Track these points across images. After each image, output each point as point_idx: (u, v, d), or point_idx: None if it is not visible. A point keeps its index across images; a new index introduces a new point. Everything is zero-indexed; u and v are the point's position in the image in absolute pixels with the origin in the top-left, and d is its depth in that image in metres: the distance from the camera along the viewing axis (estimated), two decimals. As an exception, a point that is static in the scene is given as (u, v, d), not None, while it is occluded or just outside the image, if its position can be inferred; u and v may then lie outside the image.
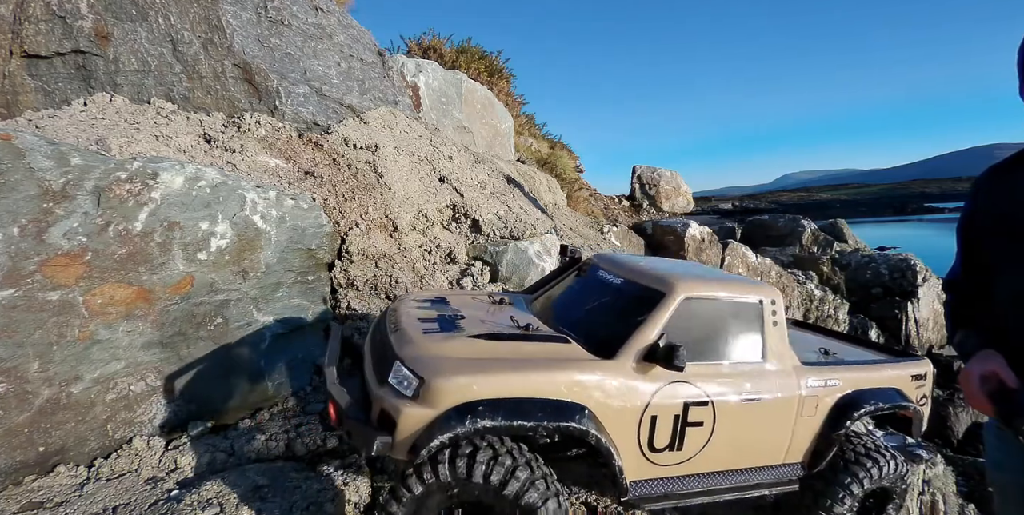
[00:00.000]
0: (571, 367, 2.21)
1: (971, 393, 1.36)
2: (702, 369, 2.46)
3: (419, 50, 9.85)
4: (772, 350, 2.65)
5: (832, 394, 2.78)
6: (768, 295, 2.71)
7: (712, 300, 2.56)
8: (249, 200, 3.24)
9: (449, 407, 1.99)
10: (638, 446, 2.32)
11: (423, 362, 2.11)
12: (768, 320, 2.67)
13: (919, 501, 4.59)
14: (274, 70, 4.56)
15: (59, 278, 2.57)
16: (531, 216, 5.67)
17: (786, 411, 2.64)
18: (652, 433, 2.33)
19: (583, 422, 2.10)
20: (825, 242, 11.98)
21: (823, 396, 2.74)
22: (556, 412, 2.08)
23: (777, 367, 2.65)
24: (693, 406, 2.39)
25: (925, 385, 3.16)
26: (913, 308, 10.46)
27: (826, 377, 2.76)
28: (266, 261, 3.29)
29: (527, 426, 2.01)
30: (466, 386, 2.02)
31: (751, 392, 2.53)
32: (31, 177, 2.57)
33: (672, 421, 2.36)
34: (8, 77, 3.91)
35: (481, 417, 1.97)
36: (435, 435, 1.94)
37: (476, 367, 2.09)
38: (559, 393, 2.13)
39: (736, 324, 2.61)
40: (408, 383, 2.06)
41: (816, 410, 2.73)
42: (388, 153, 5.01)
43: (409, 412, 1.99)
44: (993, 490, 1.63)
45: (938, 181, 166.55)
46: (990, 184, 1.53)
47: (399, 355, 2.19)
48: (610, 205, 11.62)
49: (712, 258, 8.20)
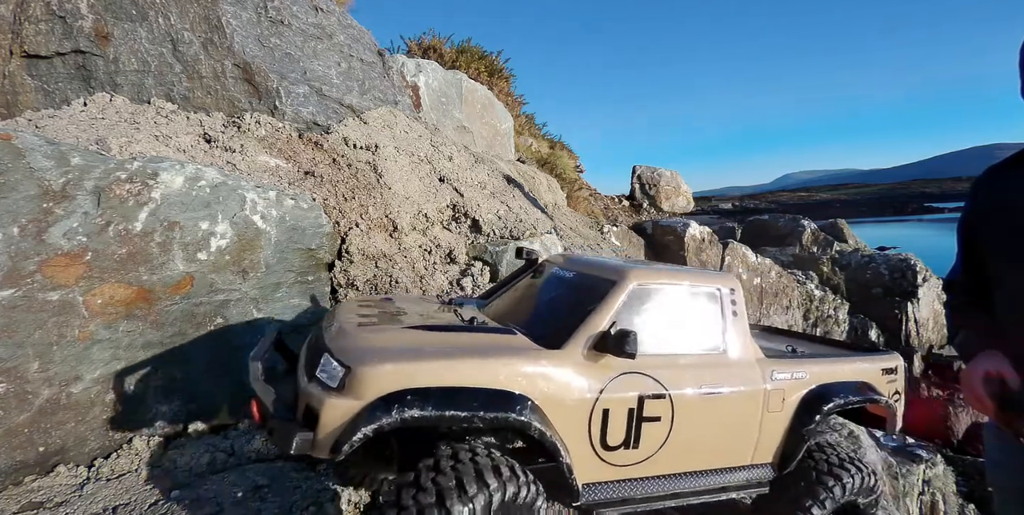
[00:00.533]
0: (514, 355, 2.05)
1: (972, 394, 1.36)
2: (658, 360, 2.30)
3: (419, 50, 9.85)
4: (733, 341, 2.52)
5: (799, 388, 2.62)
6: (726, 284, 2.59)
7: (666, 288, 2.43)
8: (249, 200, 3.24)
9: (376, 397, 1.82)
10: (590, 443, 2.14)
11: (351, 352, 1.95)
12: (727, 309, 2.54)
13: (919, 501, 4.59)
14: (274, 70, 4.56)
15: (59, 278, 2.57)
16: (531, 216, 5.68)
17: (751, 406, 2.48)
18: (605, 429, 2.16)
19: (524, 414, 1.92)
20: (825, 242, 11.98)
21: (790, 390, 2.58)
22: (495, 402, 1.91)
23: (740, 358, 2.51)
24: (649, 399, 2.22)
25: (897, 380, 3.03)
26: (913, 308, 10.46)
27: (792, 369, 2.61)
28: (266, 261, 3.29)
29: (460, 417, 1.84)
30: (394, 374, 1.86)
31: (712, 384, 2.37)
32: (31, 177, 2.57)
33: (626, 416, 2.19)
34: (8, 77, 3.91)
35: (409, 407, 1.80)
36: (359, 427, 1.77)
37: (407, 355, 1.93)
38: (499, 383, 1.96)
39: (693, 313, 2.48)
40: (334, 374, 1.90)
41: (783, 405, 2.56)
42: (388, 153, 5.01)
43: (333, 404, 1.82)
44: (993, 490, 1.63)
45: (938, 181, 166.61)
46: (990, 184, 1.53)
47: (328, 347, 2.03)
48: (610, 205, 11.61)
49: (712, 258, 8.20)
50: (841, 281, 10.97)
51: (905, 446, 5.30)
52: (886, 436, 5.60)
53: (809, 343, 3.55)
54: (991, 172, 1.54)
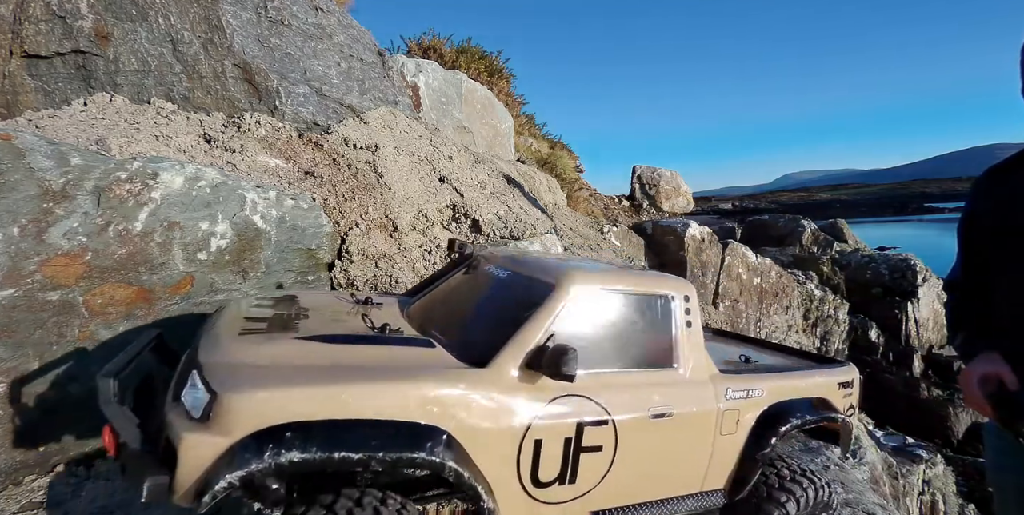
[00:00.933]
0: (426, 378, 1.69)
1: (971, 394, 1.36)
2: (599, 379, 1.99)
3: (419, 50, 9.85)
4: (685, 355, 2.22)
5: (755, 407, 2.36)
6: (680, 290, 2.29)
7: (611, 295, 2.12)
8: (249, 200, 3.24)
9: (246, 434, 1.45)
10: (518, 481, 1.82)
11: (220, 371, 1.58)
12: (680, 320, 2.24)
13: (919, 501, 4.60)
14: (274, 70, 4.56)
15: (59, 278, 2.57)
16: (531, 216, 5.68)
17: (703, 428, 2.20)
18: (536, 463, 1.83)
19: (437, 451, 1.57)
20: (825, 242, 11.98)
21: (745, 409, 2.32)
22: (399, 439, 1.55)
23: (692, 375, 2.22)
24: (589, 426, 1.90)
25: (852, 393, 2.84)
26: (913, 308, 10.47)
27: (748, 386, 2.34)
28: (266, 261, 3.29)
29: (352, 460, 1.47)
30: (269, 403, 1.48)
31: (661, 406, 2.07)
32: (31, 177, 2.57)
33: (562, 446, 1.86)
34: (8, 77, 3.91)
35: (287, 447, 1.43)
36: (221, 474, 1.39)
37: (289, 378, 1.56)
38: (407, 413, 1.60)
39: (642, 324, 2.17)
40: (198, 401, 1.52)
41: (737, 426, 2.30)
42: (388, 153, 5.01)
43: (193, 440, 1.44)
44: (993, 490, 1.63)
45: (938, 181, 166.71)
46: (990, 184, 1.53)
47: (199, 361, 1.65)
48: (610, 205, 11.61)
49: (712, 258, 8.20)
50: (841, 281, 10.98)
51: (905, 446, 5.30)
52: (886, 436, 5.60)
53: (761, 349, 3.35)
54: (992, 172, 1.54)
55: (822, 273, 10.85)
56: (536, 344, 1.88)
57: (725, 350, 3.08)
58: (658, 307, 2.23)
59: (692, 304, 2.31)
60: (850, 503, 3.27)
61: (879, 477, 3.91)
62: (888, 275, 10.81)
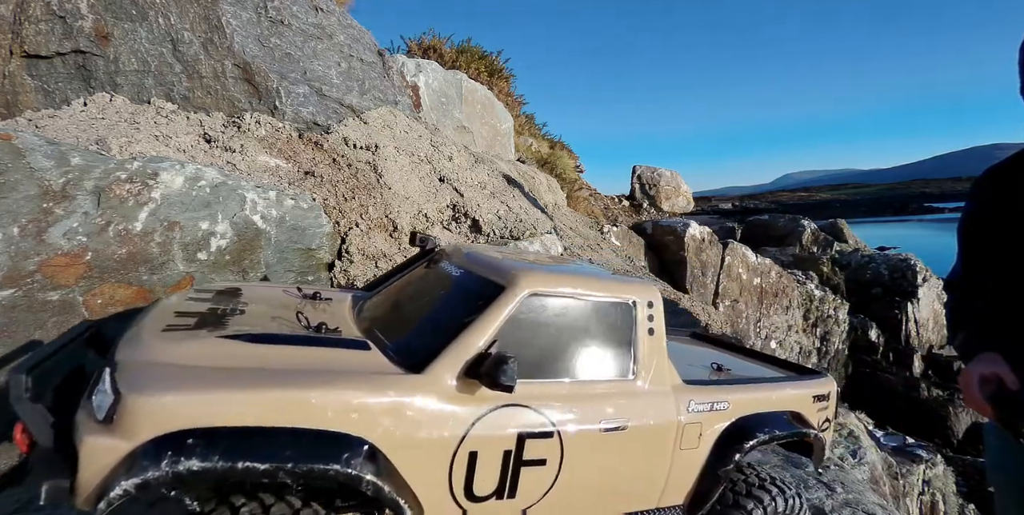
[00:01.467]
0: (351, 384, 1.57)
1: (970, 395, 1.36)
2: (547, 389, 1.88)
3: (419, 50, 9.85)
4: (645, 365, 2.10)
5: (720, 420, 2.25)
6: (643, 295, 2.15)
7: (567, 299, 1.99)
8: (249, 200, 3.24)
9: (147, 439, 1.37)
10: (450, 495, 1.71)
11: (132, 370, 1.49)
12: (642, 327, 2.11)
13: (919, 501, 4.60)
14: (274, 70, 4.56)
15: (59, 278, 2.57)
16: (531, 216, 5.68)
17: (661, 442, 2.09)
18: (471, 476, 1.72)
19: (355, 463, 1.46)
20: (825, 242, 11.99)
21: (708, 423, 2.21)
22: (314, 449, 1.45)
23: (651, 387, 2.09)
24: (532, 438, 1.79)
25: (828, 407, 2.72)
26: (913, 308, 10.47)
27: (713, 399, 2.23)
28: (266, 261, 3.29)
29: (259, 470, 1.37)
30: (173, 407, 1.39)
31: (614, 418, 1.95)
32: (31, 177, 2.58)
33: (500, 459, 1.76)
34: (8, 77, 3.91)
35: (187, 455, 1.34)
36: (118, 480, 1.32)
37: (201, 380, 1.46)
38: (327, 421, 1.49)
39: (599, 331, 2.05)
40: (103, 401, 1.43)
41: (699, 440, 2.18)
42: (388, 153, 5.01)
43: (94, 443, 1.37)
44: (993, 490, 1.63)
45: (938, 181, 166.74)
46: (991, 184, 1.53)
47: (115, 359, 1.57)
48: (610, 205, 11.62)
49: (712, 258, 8.20)
50: (841, 281, 10.99)
51: (905, 446, 5.30)
52: (886, 436, 5.60)
53: (740, 356, 3.25)
54: (993, 172, 1.54)
55: (822, 273, 10.85)
56: (478, 351, 1.76)
57: (699, 356, 2.99)
58: (618, 314, 2.09)
59: (656, 310, 2.17)
60: (850, 503, 3.28)
61: (879, 477, 3.91)
62: (888, 275, 10.82)
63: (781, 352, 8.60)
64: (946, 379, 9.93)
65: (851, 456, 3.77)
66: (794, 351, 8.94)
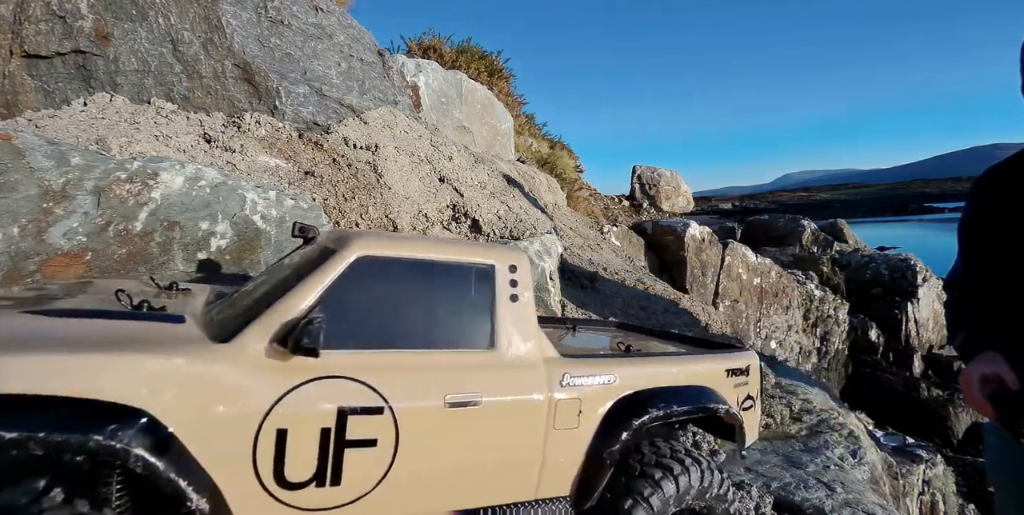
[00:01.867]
0: (135, 350, 1.40)
1: (971, 395, 1.36)
2: (380, 359, 1.68)
3: (419, 50, 9.85)
4: (507, 334, 1.90)
5: (606, 396, 2.02)
6: (504, 260, 1.98)
7: (408, 263, 1.82)
8: (249, 200, 3.24)
9: None
10: (256, 479, 1.49)
11: None
12: (502, 293, 1.93)
13: (919, 501, 4.60)
14: (274, 70, 4.56)
15: (59, 278, 2.57)
16: (531, 216, 5.68)
17: (529, 421, 1.86)
18: (281, 457, 1.51)
19: (122, 436, 1.29)
20: (825, 242, 11.99)
21: (591, 399, 1.98)
22: (77, 418, 1.28)
23: (516, 357, 1.90)
24: (356, 414, 1.58)
25: (748, 382, 2.49)
26: (913, 308, 10.48)
27: (595, 372, 2.01)
28: (266, 261, 3.29)
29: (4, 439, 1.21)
30: None
31: (464, 393, 1.74)
32: (31, 177, 2.58)
33: (318, 438, 1.55)
34: (8, 77, 3.91)
35: None
36: None
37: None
38: (105, 390, 1.33)
39: (450, 298, 1.88)
40: None
41: (580, 419, 1.95)
42: (388, 153, 5.01)
43: None
44: (993, 490, 1.63)
45: (938, 181, 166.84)
46: (991, 184, 1.53)
47: None
48: (610, 205, 11.62)
49: (712, 258, 8.20)
50: (841, 281, 10.99)
51: (905, 446, 5.30)
52: (886, 436, 5.60)
53: (662, 341, 3.04)
54: (993, 172, 1.54)
55: (822, 273, 10.85)
56: (296, 317, 1.57)
57: (600, 340, 2.81)
58: (472, 278, 1.91)
59: (520, 275, 1.98)
60: (850, 503, 3.27)
61: (879, 477, 3.91)
62: (888, 275, 10.82)
63: (781, 352, 8.60)
64: (946, 379, 9.93)
65: (851, 456, 3.77)
66: (794, 351, 8.94)
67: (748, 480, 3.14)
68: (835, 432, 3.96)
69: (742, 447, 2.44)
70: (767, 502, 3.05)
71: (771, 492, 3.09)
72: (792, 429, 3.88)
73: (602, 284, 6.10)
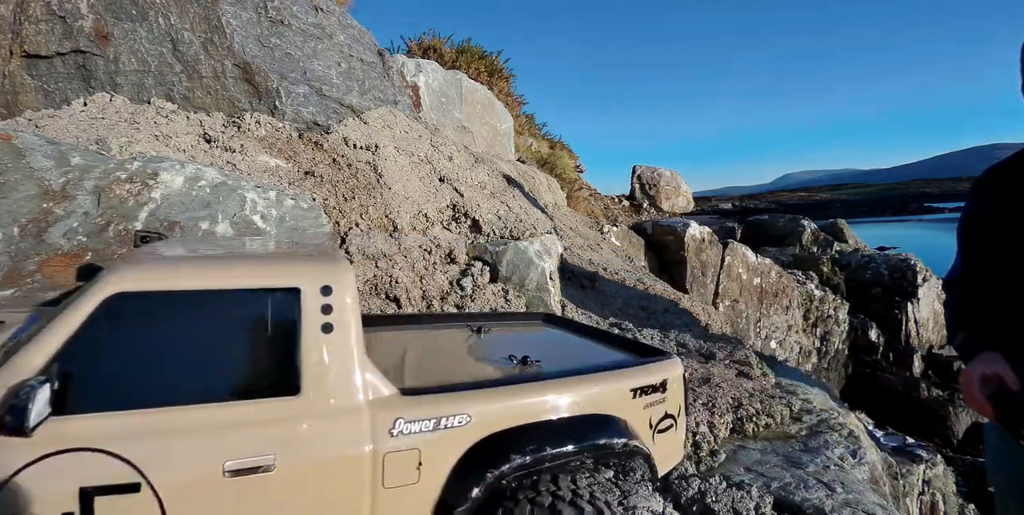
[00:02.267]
0: None
1: (971, 395, 1.36)
2: (138, 421, 1.36)
3: (419, 50, 9.86)
4: (316, 375, 1.52)
5: (456, 441, 1.63)
6: (313, 279, 1.56)
7: (182, 296, 1.47)
8: (249, 200, 3.24)
9: None
10: None
11: None
12: (310, 323, 1.53)
13: (919, 501, 4.60)
14: (274, 70, 4.56)
15: (59, 278, 2.57)
16: (531, 216, 5.68)
17: (345, 482, 1.51)
18: None
19: None
20: (825, 242, 11.99)
21: (435, 446, 1.60)
22: None
23: (327, 405, 1.52)
24: (104, 495, 1.29)
25: (666, 399, 2.08)
26: (913, 308, 10.47)
27: (439, 413, 1.61)
28: (266, 261, 3.30)
29: None
30: None
31: (252, 455, 1.41)
32: (31, 177, 2.58)
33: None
34: (8, 77, 3.91)
35: None
36: None
37: None
38: None
39: (237, 336, 1.52)
40: None
41: (421, 473, 1.58)
42: (388, 153, 5.01)
43: None
44: (993, 490, 1.63)
45: (938, 181, 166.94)
46: (991, 184, 1.53)
47: None
48: (610, 205, 11.62)
49: (712, 258, 8.21)
50: (841, 281, 10.99)
51: (905, 446, 5.30)
52: (886, 436, 5.61)
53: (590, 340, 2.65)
54: (993, 172, 1.54)
55: (822, 273, 10.85)
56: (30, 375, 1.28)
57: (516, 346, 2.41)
58: (268, 308, 1.53)
59: (337, 298, 1.57)
60: (850, 503, 3.27)
61: (879, 477, 3.91)
62: (888, 275, 10.82)
63: (781, 352, 8.60)
64: (946, 379, 9.93)
65: (851, 456, 3.77)
66: (794, 351, 8.94)
67: (748, 480, 3.14)
68: (835, 432, 3.95)
69: (656, 479, 2.01)
70: (767, 502, 3.05)
71: (771, 492, 3.09)
72: (792, 429, 3.88)
73: (602, 284, 6.10)
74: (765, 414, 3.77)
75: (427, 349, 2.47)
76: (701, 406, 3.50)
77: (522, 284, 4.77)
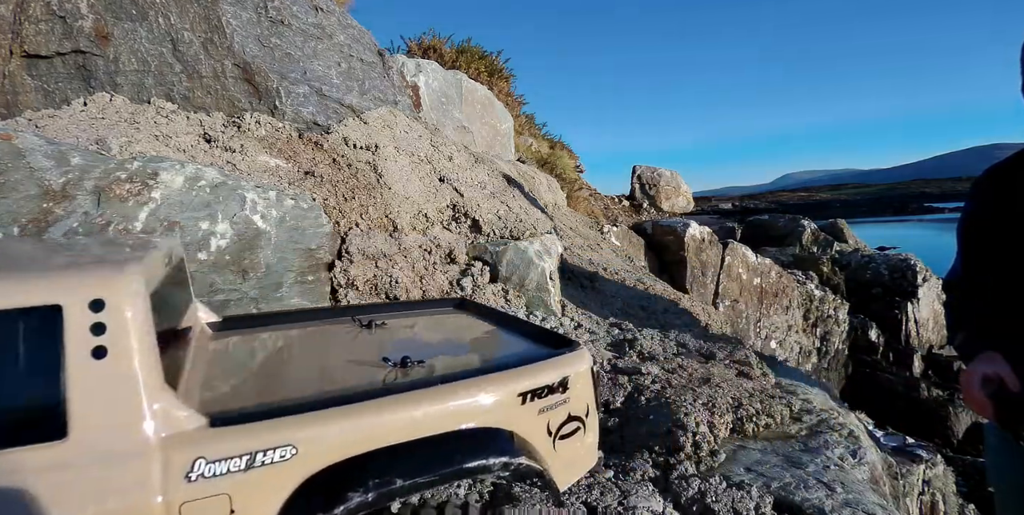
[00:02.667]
0: None
1: (971, 395, 1.36)
2: None
3: (419, 50, 9.85)
4: (86, 412, 1.20)
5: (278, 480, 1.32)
6: (78, 293, 1.22)
7: None
8: (249, 200, 3.24)
9: None
10: None
11: None
12: (77, 347, 1.21)
13: (919, 501, 4.60)
14: (274, 70, 4.56)
15: (59, 278, 2.57)
16: (531, 216, 5.68)
17: None
18: None
19: None
20: (825, 242, 11.99)
21: (249, 489, 1.29)
22: None
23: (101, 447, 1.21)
24: None
25: (569, 399, 1.74)
26: (913, 308, 10.47)
27: (256, 445, 1.29)
28: (266, 261, 3.29)
29: None
30: None
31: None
32: (31, 177, 2.58)
33: None
34: (8, 77, 3.91)
35: None
36: None
37: None
38: None
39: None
40: None
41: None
42: (388, 153, 5.01)
43: None
44: (993, 490, 1.63)
45: (938, 181, 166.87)
46: (991, 184, 1.53)
47: None
48: (610, 205, 11.62)
49: (712, 258, 8.20)
50: (841, 281, 10.98)
51: (905, 446, 5.30)
52: (886, 436, 5.60)
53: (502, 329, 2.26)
54: (993, 172, 1.54)
55: (822, 273, 10.85)
56: None
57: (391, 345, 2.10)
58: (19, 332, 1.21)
59: (113, 314, 1.23)
60: (850, 503, 3.27)
61: (879, 477, 3.91)
62: (888, 275, 10.81)
63: (781, 352, 8.60)
64: (946, 379, 9.93)
65: (851, 456, 3.77)
66: (794, 351, 8.94)
67: (748, 480, 3.14)
68: (835, 432, 3.95)
69: (557, 494, 1.75)
70: (767, 502, 3.04)
71: (771, 492, 3.08)
72: (792, 429, 3.88)
73: (602, 284, 6.10)
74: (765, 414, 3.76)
75: (293, 354, 2.11)
76: (701, 406, 3.50)
77: (522, 284, 4.77)
